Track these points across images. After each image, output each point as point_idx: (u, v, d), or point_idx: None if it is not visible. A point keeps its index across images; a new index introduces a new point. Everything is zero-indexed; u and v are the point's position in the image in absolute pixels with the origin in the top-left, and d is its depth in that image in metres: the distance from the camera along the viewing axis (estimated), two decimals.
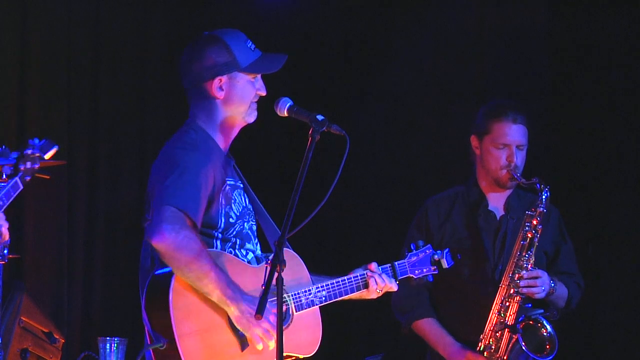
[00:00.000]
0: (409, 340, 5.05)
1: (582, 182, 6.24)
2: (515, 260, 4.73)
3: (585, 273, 5.04)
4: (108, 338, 5.18)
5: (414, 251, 4.26)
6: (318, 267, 4.10)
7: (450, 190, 5.04)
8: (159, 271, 3.80)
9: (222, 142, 4.01)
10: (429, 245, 4.29)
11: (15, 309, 5.25)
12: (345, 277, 4.04)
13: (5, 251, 4.59)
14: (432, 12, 6.60)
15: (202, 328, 3.75)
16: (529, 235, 4.74)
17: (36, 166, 3.58)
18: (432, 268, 4.27)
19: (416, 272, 4.23)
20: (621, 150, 6.23)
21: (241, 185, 4.06)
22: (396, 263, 4.19)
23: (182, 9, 6.54)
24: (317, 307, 3.95)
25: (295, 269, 3.93)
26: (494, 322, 4.73)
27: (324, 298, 3.96)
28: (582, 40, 6.33)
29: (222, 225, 3.89)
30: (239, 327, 3.76)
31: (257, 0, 6.66)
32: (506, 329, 4.70)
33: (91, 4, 6.22)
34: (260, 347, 3.76)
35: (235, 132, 4.03)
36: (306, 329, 3.91)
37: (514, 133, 4.81)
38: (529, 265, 4.73)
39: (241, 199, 4.01)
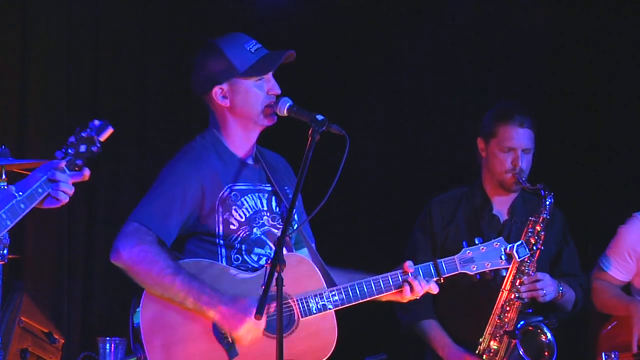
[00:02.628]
0: (410, 340, 5.05)
1: (582, 182, 6.24)
2: (517, 265, 4.70)
3: (585, 273, 5.04)
4: (108, 338, 5.18)
5: (477, 245, 4.06)
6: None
7: (455, 191, 5.02)
8: None
9: (239, 148, 3.95)
10: (500, 238, 4.12)
11: (15, 309, 5.24)
12: (372, 279, 3.90)
13: (5, 251, 4.59)
14: (431, 11, 6.60)
15: (179, 339, 3.69)
16: (532, 240, 4.71)
17: (94, 149, 3.51)
18: (501, 262, 4.06)
19: (472, 267, 4.03)
20: (621, 150, 6.23)
21: (265, 189, 3.97)
22: (440, 261, 3.99)
23: (182, 8, 6.53)
24: (331, 311, 3.83)
25: (303, 272, 3.82)
26: (493, 326, 4.72)
27: (339, 302, 3.83)
28: (582, 40, 6.32)
29: (221, 232, 3.83)
30: (224, 331, 3.71)
31: (257, 0, 6.66)
32: (505, 334, 4.68)
33: (91, 4, 6.22)
34: (246, 342, 3.68)
35: (252, 137, 3.97)
36: (315, 335, 3.80)
37: (520, 137, 4.79)
38: (531, 271, 4.71)
39: (256, 202, 3.92)
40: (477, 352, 4.73)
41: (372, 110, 6.68)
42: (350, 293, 3.84)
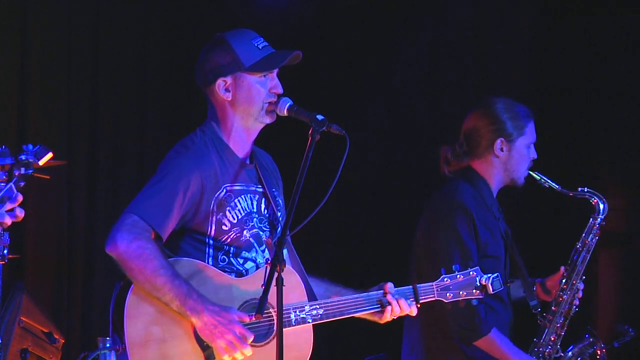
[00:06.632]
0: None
1: (577, 180, 6.24)
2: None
3: (585, 272, 5.05)
4: (108, 338, 5.17)
5: (455, 273, 3.99)
6: (316, 268, 4.09)
7: (462, 186, 4.73)
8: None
9: (237, 145, 3.94)
10: (476, 268, 4.01)
11: (15, 309, 5.25)
12: (352, 297, 3.88)
13: (5, 251, 4.58)
14: (431, 12, 6.61)
15: (160, 338, 3.69)
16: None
17: (30, 172, 3.56)
18: (475, 292, 3.99)
19: (448, 295, 3.97)
20: (614, 147, 6.24)
21: (257, 190, 3.95)
22: (419, 286, 3.95)
23: (182, 8, 6.54)
24: (309, 325, 3.81)
25: (288, 284, 3.72)
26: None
27: (319, 316, 3.81)
28: (572, 38, 6.34)
29: (213, 233, 3.83)
30: (203, 339, 3.69)
31: (257, 0, 6.67)
32: None
33: (91, 4, 6.23)
34: (226, 358, 3.66)
35: (251, 135, 3.96)
36: (291, 347, 3.73)
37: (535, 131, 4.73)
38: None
39: (248, 203, 3.91)
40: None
41: (372, 110, 6.68)
42: (330, 309, 3.84)
